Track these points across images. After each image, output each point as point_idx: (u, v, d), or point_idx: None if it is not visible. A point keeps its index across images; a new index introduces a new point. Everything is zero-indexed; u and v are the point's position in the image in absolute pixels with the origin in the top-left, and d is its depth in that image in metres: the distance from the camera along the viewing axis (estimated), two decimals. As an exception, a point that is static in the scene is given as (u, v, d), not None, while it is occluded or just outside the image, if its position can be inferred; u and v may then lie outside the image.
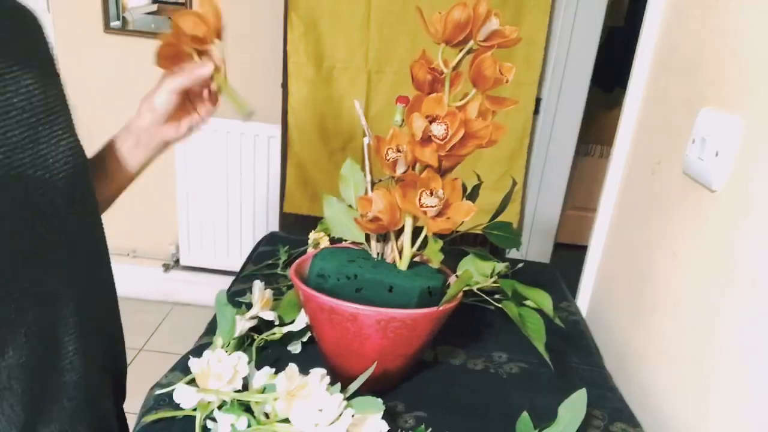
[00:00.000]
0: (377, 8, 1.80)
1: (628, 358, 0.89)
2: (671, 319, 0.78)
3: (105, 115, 2.12)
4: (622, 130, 1.02)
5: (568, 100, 2.04)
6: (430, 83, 0.70)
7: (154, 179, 2.17)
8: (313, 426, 0.60)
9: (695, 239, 0.74)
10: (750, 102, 0.65)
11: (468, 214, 0.67)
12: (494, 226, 0.81)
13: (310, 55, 1.85)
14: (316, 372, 0.63)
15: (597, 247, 1.09)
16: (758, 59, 0.65)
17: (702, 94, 0.76)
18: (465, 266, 0.77)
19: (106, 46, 2.01)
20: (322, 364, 0.65)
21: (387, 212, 0.69)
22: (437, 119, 0.65)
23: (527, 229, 2.20)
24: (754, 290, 0.61)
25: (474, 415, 0.73)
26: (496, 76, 0.64)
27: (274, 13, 1.89)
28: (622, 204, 1.02)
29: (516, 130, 1.94)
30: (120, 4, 1.99)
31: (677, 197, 0.80)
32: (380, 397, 0.64)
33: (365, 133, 0.72)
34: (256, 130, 2.05)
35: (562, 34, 1.95)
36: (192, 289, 2.33)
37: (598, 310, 1.07)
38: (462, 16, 0.63)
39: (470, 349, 0.87)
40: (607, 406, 0.77)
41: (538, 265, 1.25)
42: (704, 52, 0.78)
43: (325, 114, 1.93)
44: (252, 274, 0.98)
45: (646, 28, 0.96)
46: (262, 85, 2.02)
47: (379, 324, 0.66)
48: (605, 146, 2.93)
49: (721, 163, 0.68)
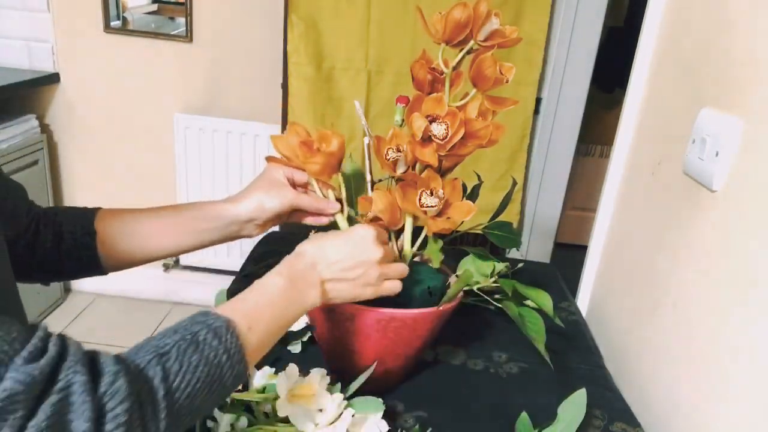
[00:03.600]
0: (377, 8, 1.80)
1: (628, 358, 0.89)
2: (671, 319, 0.78)
3: (105, 115, 2.12)
4: (622, 130, 1.02)
5: (568, 100, 2.04)
6: (430, 83, 0.70)
7: (154, 179, 2.17)
8: (313, 426, 0.60)
9: (695, 239, 0.74)
10: (750, 102, 0.65)
11: (468, 214, 0.67)
12: (494, 226, 0.81)
13: (310, 55, 1.85)
14: (316, 372, 0.63)
15: (597, 247, 1.09)
16: (758, 59, 0.65)
17: (702, 94, 0.76)
18: (465, 266, 0.77)
19: (106, 46, 2.01)
20: (322, 364, 0.65)
21: (387, 212, 0.69)
22: (437, 119, 0.65)
23: (527, 229, 2.19)
24: (754, 290, 0.61)
25: (474, 415, 0.73)
26: (496, 76, 0.64)
27: (274, 13, 1.89)
28: (622, 204, 1.02)
29: (516, 130, 1.93)
30: (120, 4, 1.99)
31: (677, 197, 0.80)
32: (380, 397, 0.64)
33: (365, 133, 0.72)
34: (256, 130, 2.05)
35: (562, 34, 1.95)
36: (192, 289, 2.33)
37: (598, 310, 1.07)
38: (462, 16, 0.63)
39: (470, 349, 0.87)
40: (607, 406, 0.77)
41: (538, 265, 1.25)
42: (704, 52, 0.78)
43: (325, 114, 1.93)
44: (252, 274, 0.98)
45: (646, 28, 0.96)
46: (262, 85, 2.02)
47: (379, 324, 0.66)
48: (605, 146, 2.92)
49: (721, 163, 0.68)
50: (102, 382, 0.39)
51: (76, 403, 0.37)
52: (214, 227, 0.70)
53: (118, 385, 0.39)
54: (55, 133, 2.14)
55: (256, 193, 0.70)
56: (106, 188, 2.20)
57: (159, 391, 0.42)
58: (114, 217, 0.69)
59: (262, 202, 0.69)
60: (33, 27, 1.99)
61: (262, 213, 0.70)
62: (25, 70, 2.01)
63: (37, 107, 2.08)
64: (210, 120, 2.04)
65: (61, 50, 2.01)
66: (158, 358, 0.44)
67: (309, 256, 0.60)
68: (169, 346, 0.45)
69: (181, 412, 0.44)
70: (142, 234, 0.69)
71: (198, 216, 0.70)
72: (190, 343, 0.46)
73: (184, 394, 0.44)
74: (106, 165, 2.16)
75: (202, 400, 0.46)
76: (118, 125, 2.11)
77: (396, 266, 0.65)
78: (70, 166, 2.19)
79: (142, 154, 2.13)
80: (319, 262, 0.59)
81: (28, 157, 1.97)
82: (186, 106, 2.07)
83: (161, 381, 0.43)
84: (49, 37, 1.99)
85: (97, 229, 0.68)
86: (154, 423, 0.42)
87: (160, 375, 0.43)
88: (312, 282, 0.59)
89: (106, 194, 2.21)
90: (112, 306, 2.29)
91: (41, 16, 1.98)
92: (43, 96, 2.08)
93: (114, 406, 0.39)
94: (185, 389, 0.44)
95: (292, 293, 0.57)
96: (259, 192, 0.70)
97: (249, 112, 2.06)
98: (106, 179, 2.19)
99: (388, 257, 0.64)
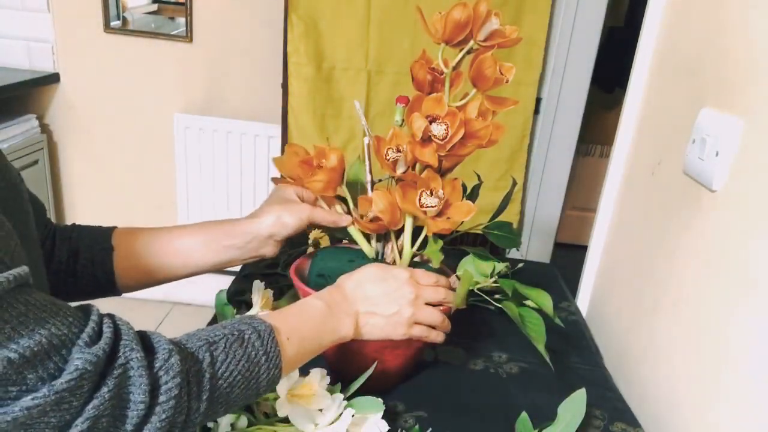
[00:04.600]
0: (377, 8, 1.80)
1: (628, 358, 0.89)
2: (671, 319, 0.78)
3: (105, 115, 2.12)
4: (622, 130, 1.02)
5: (568, 100, 2.04)
6: (430, 83, 0.70)
7: (154, 179, 2.17)
8: (313, 426, 0.60)
9: (695, 239, 0.74)
10: (750, 102, 0.65)
11: (468, 214, 0.67)
12: (494, 226, 0.81)
13: (310, 55, 1.85)
14: (316, 372, 0.63)
15: (597, 247, 1.09)
16: (758, 59, 0.65)
17: (702, 94, 0.76)
18: (465, 266, 0.77)
19: (106, 46, 2.01)
20: (322, 364, 0.65)
21: (387, 212, 0.69)
22: (437, 119, 0.65)
23: (527, 229, 2.19)
24: (754, 290, 0.61)
25: (474, 415, 0.73)
26: (496, 76, 0.64)
27: (274, 13, 1.89)
28: (622, 204, 1.02)
29: (516, 130, 1.93)
30: (120, 4, 1.99)
31: (677, 197, 0.80)
32: (380, 397, 0.64)
33: (365, 133, 0.72)
34: (256, 130, 2.05)
35: (562, 34, 1.95)
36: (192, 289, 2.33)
37: (598, 310, 1.07)
38: (462, 16, 0.63)
39: (470, 349, 0.87)
40: (607, 406, 0.77)
41: (538, 265, 1.25)
42: (704, 52, 0.78)
43: (325, 114, 1.93)
44: (252, 274, 0.98)
45: (646, 28, 0.96)
46: (262, 85, 2.02)
47: (379, 324, 0.66)
48: (605, 146, 2.92)
49: (721, 163, 0.68)
50: (157, 358, 0.44)
51: (134, 377, 0.41)
52: (236, 244, 0.71)
53: (172, 361, 0.44)
54: (55, 133, 2.14)
55: (274, 209, 0.71)
56: (106, 188, 2.20)
57: (206, 373, 0.46)
58: (132, 235, 0.70)
59: (281, 218, 0.71)
60: (33, 27, 1.99)
61: (282, 229, 0.71)
62: (25, 70, 2.01)
63: (37, 107, 2.08)
64: (210, 120, 2.04)
65: (61, 50, 2.01)
66: (208, 346, 0.48)
67: (348, 290, 0.64)
68: (219, 338, 0.49)
69: (219, 399, 0.48)
70: (163, 252, 0.70)
71: (220, 233, 0.71)
72: (236, 339, 0.50)
73: (225, 382, 0.48)
74: (106, 165, 2.16)
75: (237, 394, 0.49)
76: (118, 125, 2.11)
77: (430, 311, 0.67)
78: (70, 166, 2.19)
79: (142, 154, 2.13)
80: (356, 296, 0.64)
81: (28, 157, 1.97)
82: (186, 106, 2.07)
83: (209, 365, 0.47)
84: (49, 37, 1.99)
85: (114, 246, 0.68)
86: (196, 402, 0.45)
87: (208, 360, 0.47)
88: (348, 312, 0.62)
89: (106, 194, 2.21)
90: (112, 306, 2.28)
91: (41, 16, 1.98)
92: (43, 96, 2.08)
93: (168, 380, 0.43)
94: (227, 378, 0.48)
95: (329, 318, 0.60)
96: (276, 208, 0.71)
97: (249, 112, 2.06)
98: (106, 179, 2.19)
99: (422, 298, 0.66)
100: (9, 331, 0.35)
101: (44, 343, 0.36)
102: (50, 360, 0.37)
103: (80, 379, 0.37)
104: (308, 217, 0.72)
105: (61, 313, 0.39)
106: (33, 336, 0.36)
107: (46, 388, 0.36)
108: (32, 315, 0.37)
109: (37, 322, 0.37)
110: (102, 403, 0.39)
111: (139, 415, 0.41)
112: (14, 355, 0.35)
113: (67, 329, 0.39)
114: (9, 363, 0.35)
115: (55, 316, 0.38)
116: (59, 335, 0.38)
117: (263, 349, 0.51)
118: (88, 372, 0.38)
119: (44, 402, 0.36)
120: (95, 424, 0.39)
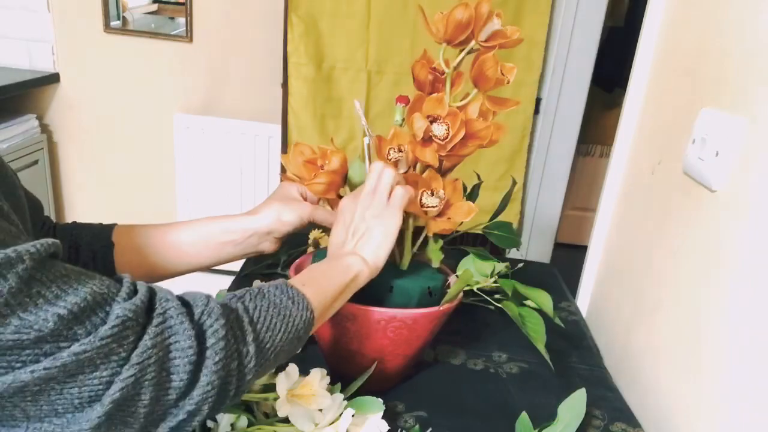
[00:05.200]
0: (377, 8, 1.80)
1: (628, 358, 0.89)
2: (671, 318, 0.78)
3: (105, 115, 2.12)
4: (622, 130, 1.02)
5: (568, 100, 2.04)
6: (431, 83, 0.70)
7: (154, 179, 2.17)
8: (313, 426, 0.60)
9: (695, 239, 0.74)
10: (750, 102, 0.65)
11: (469, 214, 0.67)
12: (494, 226, 0.81)
13: (310, 55, 1.85)
14: (316, 372, 0.63)
15: (597, 247, 1.09)
16: (758, 59, 0.65)
17: (702, 94, 0.76)
18: (465, 266, 0.77)
19: (106, 46, 2.01)
20: (322, 364, 0.65)
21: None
22: (438, 119, 0.65)
23: (527, 229, 2.19)
24: (754, 290, 0.61)
25: (474, 415, 0.73)
26: (497, 76, 0.64)
27: (274, 13, 1.89)
28: (622, 204, 1.02)
29: (516, 130, 1.94)
30: (120, 4, 1.99)
31: (677, 197, 0.80)
32: (380, 397, 0.64)
33: (365, 133, 0.72)
34: (256, 130, 2.05)
35: (562, 34, 1.95)
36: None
37: (598, 310, 1.07)
38: (464, 16, 0.63)
39: (470, 349, 0.87)
40: (607, 406, 0.77)
41: (538, 265, 1.25)
42: (704, 52, 0.78)
43: (325, 114, 1.93)
44: (252, 274, 0.98)
45: (646, 28, 0.96)
46: (262, 85, 2.02)
47: (379, 324, 0.66)
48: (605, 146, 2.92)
49: (721, 163, 0.68)
50: (196, 305, 0.45)
51: (175, 325, 0.42)
52: (235, 240, 0.71)
53: (212, 305, 0.45)
54: (55, 133, 2.14)
55: (275, 205, 0.72)
56: (106, 188, 2.20)
57: (244, 317, 0.48)
58: (132, 231, 0.70)
59: (280, 215, 0.71)
60: (33, 27, 1.99)
61: (281, 226, 0.71)
62: (25, 70, 2.01)
63: (37, 107, 2.08)
64: (210, 120, 2.04)
65: (61, 50, 2.01)
66: (236, 299, 0.50)
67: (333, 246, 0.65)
68: (242, 292, 0.51)
69: (265, 344, 0.49)
70: (164, 247, 0.70)
71: (219, 228, 0.71)
72: (257, 293, 0.51)
73: (264, 326, 0.49)
74: (106, 165, 2.16)
75: (280, 339, 0.50)
76: (118, 125, 2.11)
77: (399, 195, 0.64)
78: (70, 166, 2.19)
79: (142, 154, 2.13)
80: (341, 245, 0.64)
81: (28, 157, 1.97)
82: (186, 106, 2.08)
83: (244, 311, 0.48)
84: (49, 37, 1.99)
85: (115, 242, 0.68)
86: (244, 346, 0.46)
87: (241, 307, 0.48)
88: (347, 253, 0.63)
89: (106, 194, 2.21)
90: (112, 306, 2.29)
91: (41, 16, 1.98)
92: (43, 96, 2.08)
93: (212, 322, 0.44)
94: (264, 323, 0.49)
95: (335, 263, 0.61)
96: (277, 205, 0.72)
97: (249, 112, 2.06)
98: (106, 179, 2.19)
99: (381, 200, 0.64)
100: (56, 289, 0.37)
101: (89, 299, 0.38)
102: (95, 315, 0.38)
103: (122, 327, 0.38)
104: (309, 217, 0.72)
105: (97, 276, 0.41)
106: (78, 293, 0.38)
107: (92, 336, 0.37)
108: (74, 276, 0.39)
109: (79, 282, 0.38)
110: (145, 350, 0.39)
111: (191, 361, 0.41)
112: (64, 311, 0.36)
113: (106, 288, 0.40)
114: (60, 319, 0.36)
115: (93, 279, 0.40)
116: (101, 293, 0.39)
117: (286, 295, 0.52)
118: (130, 320, 0.39)
119: (90, 348, 0.37)
120: (143, 375, 0.39)
